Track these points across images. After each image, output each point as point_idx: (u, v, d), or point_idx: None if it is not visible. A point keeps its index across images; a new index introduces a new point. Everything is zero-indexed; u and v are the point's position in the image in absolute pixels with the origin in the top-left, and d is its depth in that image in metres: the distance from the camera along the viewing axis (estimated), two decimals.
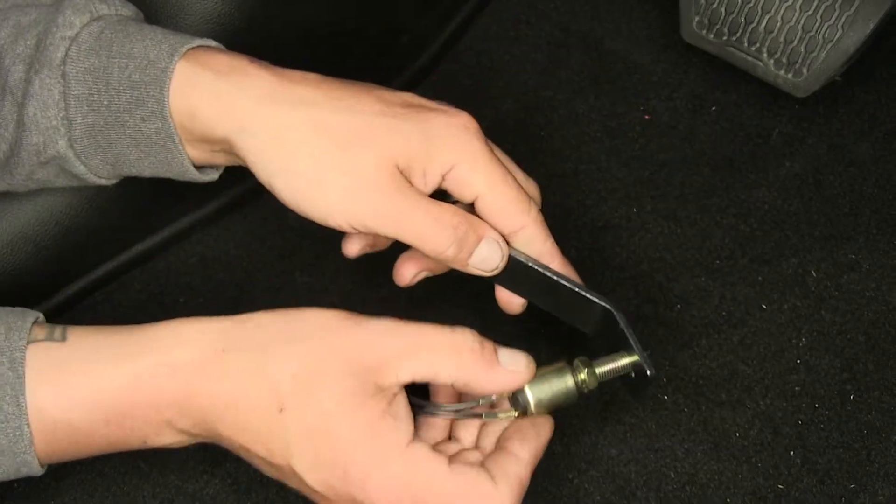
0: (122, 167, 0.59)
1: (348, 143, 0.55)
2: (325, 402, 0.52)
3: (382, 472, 0.52)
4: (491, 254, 0.58)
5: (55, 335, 0.54)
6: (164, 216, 0.75)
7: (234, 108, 0.55)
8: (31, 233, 0.68)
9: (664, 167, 0.78)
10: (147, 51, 0.56)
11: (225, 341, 0.54)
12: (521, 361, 0.56)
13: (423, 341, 0.54)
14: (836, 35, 0.75)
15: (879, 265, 0.74)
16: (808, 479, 0.68)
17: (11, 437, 0.53)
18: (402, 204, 0.56)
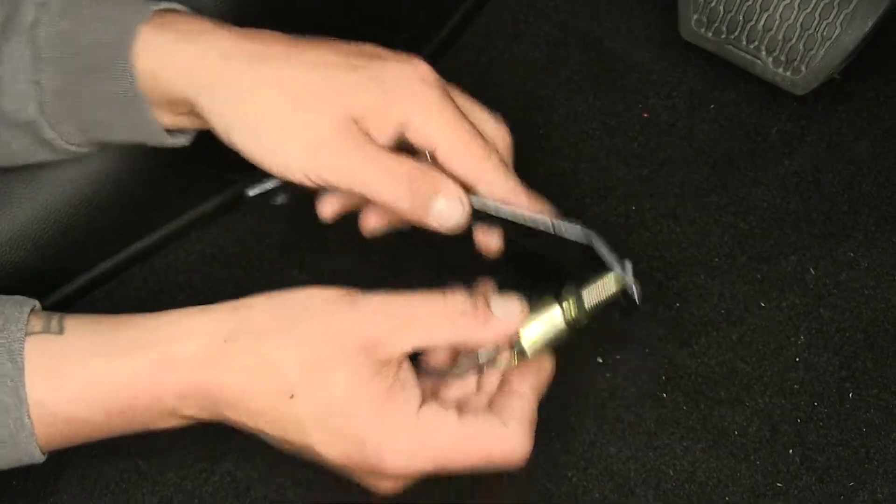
0: (93, 132, 0.60)
1: (305, 99, 0.56)
2: (334, 385, 0.53)
3: (398, 442, 0.54)
4: (450, 209, 0.57)
5: (52, 327, 0.54)
6: (163, 214, 0.75)
7: (193, 69, 0.56)
8: (30, 231, 0.68)
9: (663, 165, 0.78)
10: (115, 13, 0.57)
11: (225, 331, 0.54)
12: (515, 308, 0.56)
13: (417, 313, 0.55)
14: (835, 33, 0.75)
15: (878, 263, 0.74)
16: (807, 477, 0.68)
17: (12, 428, 0.53)
18: (356, 157, 0.56)
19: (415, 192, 0.57)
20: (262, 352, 0.54)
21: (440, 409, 0.55)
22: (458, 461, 0.56)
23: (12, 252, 0.68)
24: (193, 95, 0.57)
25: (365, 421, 0.54)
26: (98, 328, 0.55)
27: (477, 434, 0.55)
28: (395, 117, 0.57)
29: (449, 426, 0.55)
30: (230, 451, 0.69)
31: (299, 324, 0.54)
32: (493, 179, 0.58)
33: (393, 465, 0.54)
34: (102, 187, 0.69)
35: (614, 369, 0.71)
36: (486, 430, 0.56)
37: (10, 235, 0.68)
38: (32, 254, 0.68)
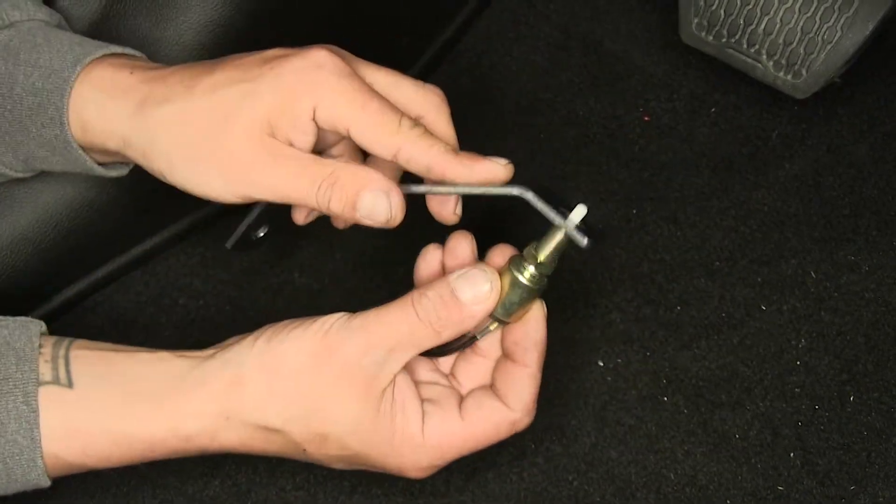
0: (34, 163, 0.61)
1: (210, 130, 0.56)
2: (341, 438, 0.56)
3: (415, 460, 0.57)
4: (377, 205, 0.56)
5: (60, 377, 0.55)
6: (163, 217, 0.75)
7: (115, 124, 0.58)
8: (31, 234, 0.68)
9: (664, 169, 0.78)
10: (52, 60, 0.58)
11: (224, 409, 0.56)
12: (482, 285, 0.56)
13: (396, 337, 0.55)
14: (836, 37, 0.75)
15: (879, 266, 0.74)
16: (807, 481, 0.68)
17: (26, 468, 0.54)
18: (274, 168, 0.56)
19: (340, 195, 0.56)
20: (264, 425, 0.56)
21: (441, 416, 0.57)
22: (473, 449, 0.58)
23: (13, 256, 0.68)
24: (121, 147, 0.58)
25: (379, 456, 0.57)
26: (107, 386, 0.56)
27: (483, 426, 0.58)
28: (301, 113, 0.56)
29: (455, 428, 0.57)
30: (231, 455, 0.69)
31: (291, 389, 0.55)
32: (411, 148, 0.56)
33: (416, 475, 0.58)
34: (103, 191, 0.69)
35: (615, 372, 0.71)
36: (492, 421, 0.58)
37: (11, 239, 0.68)
38: (33, 257, 0.68)
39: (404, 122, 0.56)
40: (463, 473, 0.69)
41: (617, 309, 0.73)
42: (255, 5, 0.71)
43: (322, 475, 0.69)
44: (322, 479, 0.69)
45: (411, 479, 0.59)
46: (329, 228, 0.77)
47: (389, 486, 0.68)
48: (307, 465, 0.68)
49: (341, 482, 0.68)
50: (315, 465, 0.68)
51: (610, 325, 0.73)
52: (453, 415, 0.57)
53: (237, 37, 0.70)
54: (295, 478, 0.69)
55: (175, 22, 0.69)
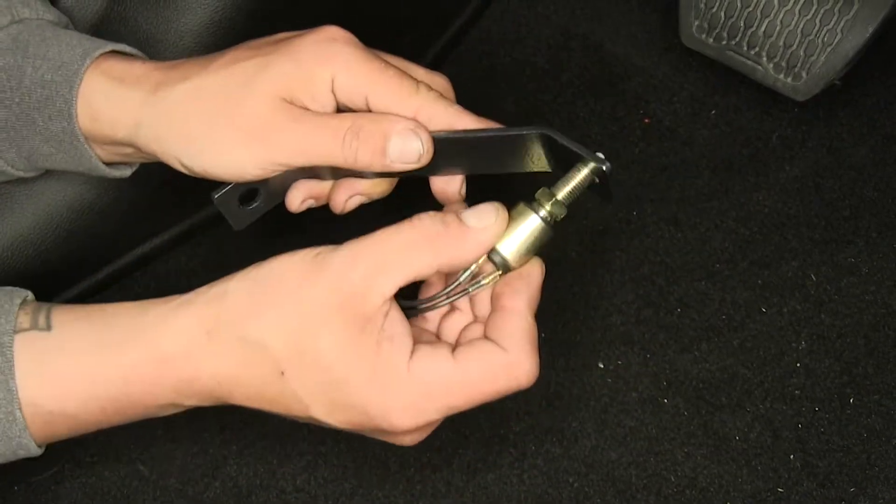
0: (37, 161, 0.60)
1: (230, 98, 0.56)
2: (322, 356, 0.52)
3: (399, 399, 0.52)
4: (406, 144, 0.55)
5: (39, 322, 0.54)
6: (164, 219, 0.75)
7: (125, 112, 0.57)
8: (32, 236, 0.68)
9: (664, 171, 0.78)
10: (61, 54, 0.58)
11: (207, 324, 0.53)
12: (489, 214, 0.53)
13: (389, 252, 0.52)
14: (836, 39, 0.75)
15: (879, 269, 0.74)
16: (808, 483, 0.68)
17: (4, 422, 0.53)
18: (299, 129, 0.56)
19: (366, 144, 0.55)
20: (245, 338, 0.53)
21: (431, 353, 0.52)
22: (468, 401, 0.53)
23: (13, 257, 0.68)
24: (131, 135, 0.58)
25: (360, 385, 0.52)
26: (85, 324, 0.54)
27: (477, 369, 0.52)
28: (320, 84, 0.56)
29: (444, 369, 0.52)
30: (231, 456, 0.69)
31: (275, 301, 0.53)
32: (430, 109, 0.56)
33: (401, 422, 0.52)
34: (104, 193, 0.69)
35: (615, 374, 0.71)
36: (486, 362, 0.52)
37: (12, 241, 0.68)
38: (34, 259, 0.68)
39: (421, 86, 0.57)
40: (464, 475, 0.69)
41: (617, 311, 0.73)
42: (256, 5, 0.71)
43: (323, 477, 0.69)
44: (323, 481, 0.69)
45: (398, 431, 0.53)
46: (326, 228, 0.77)
47: (390, 488, 0.68)
48: (308, 466, 0.69)
49: (342, 484, 0.69)
50: (315, 467, 0.68)
51: (610, 328, 0.73)
52: (443, 353, 0.52)
53: (238, 37, 0.70)
54: (296, 480, 0.69)
55: (176, 23, 0.69)
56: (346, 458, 0.69)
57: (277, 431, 0.70)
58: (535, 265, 0.55)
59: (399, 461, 0.69)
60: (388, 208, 0.66)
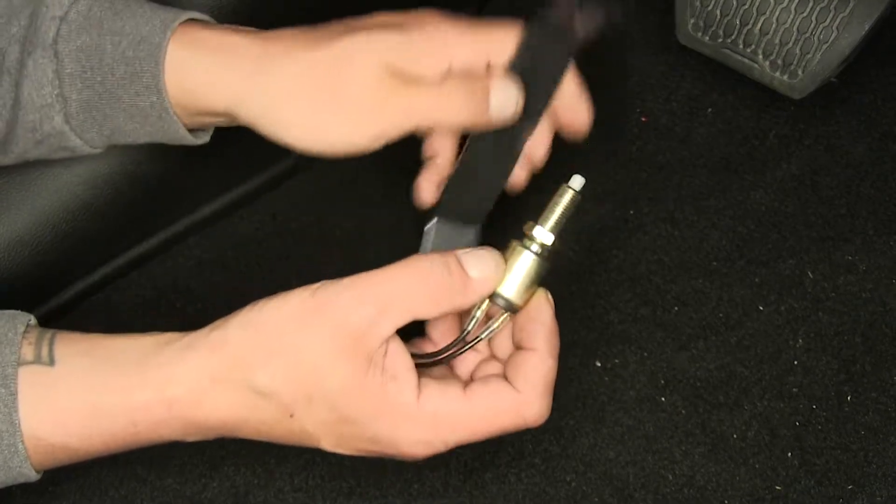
0: (118, 138, 0.60)
1: (337, 73, 0.56)
2: (330, 398, 0.53)
3: (409, 432, 0.53)
4: (507, 94, 0.58)
5: (42, 356, 0.54)
6: (160, 220, 0.75)
7: (228, 85, 0.57)
8: (28, 237, 0.68)
9: (661, 169, 0.78)
10: (139, 27, 0.57)
11: (211, 370, 0.54)
12: (489, 263, 0.54)
13: (390, 296, 0.53)
14: (832, 37, 0.75)
15: (876, 266, 0.74)
16: (805, 481, 0.68)
17: (7, 454, 0.53)
18: (403, 96, 0.57)
19: (471, 98, 0.57)
20: (251, 386, 0.54)
21: (440, 389, 0.53)
22: (473, 436, 0.54)
23: (9, 258, 0.68)
24: (232, 107, 0.57)
25: (369, 422, 0.53)
26: (88, 360, 0.54)
27: (485, 406, 0.53)
28: (426, 50, 0.58)
29: (454, 405, 0.53)
30: (229, 456, 0.69)
31: (279, 349, 0.53)
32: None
33: (411, 452, 0.54)
34: (100, 193, 0.69)
35: (613, 373, 0.71)
36: (495, 400, 0.54)
37: (8, 242, 0.68)
38: (30, 260, 0.68)
39: None
40: (461, 474, 0.69)
41: (615, 310, 0.73)
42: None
43: (320, 476, 0.69)
44: (320, 480, 0.69)
45: (406, 457, 0.54)
46: (326, 232, 0.77)
47: (388, 487, 0.68)
48: (305, 465, 0.69)
49: (340, 483, 0.69)
50: (313, 466, 0.68)
51: (608, 326, 0.73)
52: (454, 389, 0.54)
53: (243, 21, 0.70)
54: (293, 479, 0.69)
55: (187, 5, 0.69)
56: (343, 458, 0.69)
57: None
58: (542, 302, 0.56)
59: (396, 460, 0.69)
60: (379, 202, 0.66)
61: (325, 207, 0.76)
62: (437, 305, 0.53)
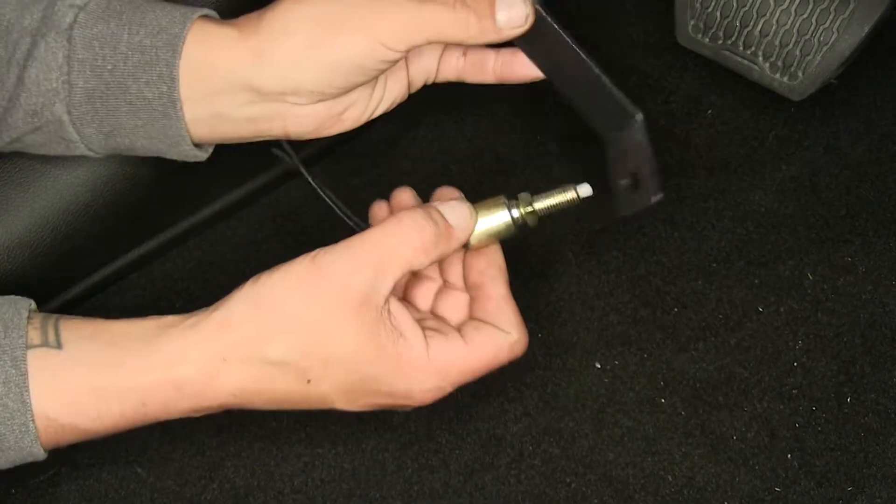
0: (116, 137, 0.60)
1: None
2: (346, 358, 0.55)
3: (423, 382, 0.57)
4: (516, 6, 0.58)
5: (49, 339, 0.55)
6: (160, 221, 0.75)
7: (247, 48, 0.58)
8: (28, 238, 0.68)
9: (661, 170, 0.78)
10: (158, 19, 0.58)
11: (221, 350, 0.55)
12: (465, 212, 0.59)
13: (387, 253, 0.56)
14: (832, 38, 0.75)
15: (876, 267, 0.74)
16: (805, 482, 0.68)
17: (18, 433, 0.54)
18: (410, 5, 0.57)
19: (477, 13, 0.57)
20: (264, 360, 0.55)
21: (445, 341, 0.58)
22: (478, 374, 0.59)
23: (10, 260, 0.68)
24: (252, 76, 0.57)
25: (386, 378, 0.56)
26: (95, 344, 0.55)
27: (486, 349, 0.58)
28: None
29: (461, 354, 0.58)
30: (229, 457, 0.69)
31: (286, 321, 0.55)
32: None
33: (423, 399, 0.58)
34: (100, 194, 0.69)
35: (612, 374, 0.71)
36: (494, 344, 0.59)
37: (8, 243, 0.68)
38: (30, 261, 0.68)
39: None
40: (461, 475, 0.69)
41: (614, 311, 0.73)
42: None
43: (320, 478, 0.69)
44: (320, 482, 0.69)
45: (418, 404, 0.58)
46: (325, 233, 0.77)
47: (388, 488, 0.68)
48: (305, 467, 0.69)
49: (339, 485, 0.69)
50: (313, 468, 0.68)
51: (607, 328, 0.73)
52: (457, 339, 0.58)
53: None
54: (293, 481, 0.69)
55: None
56: (343, 460, 0.69)
57: (275, 433, 0.70)
58: (497, 248, 0.61)
59: (396, 462, 0.69)
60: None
61: (324, 209, 0.76)
62: (428, 254, 0.57)
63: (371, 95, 0.61)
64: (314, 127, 0.60)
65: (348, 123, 0.61)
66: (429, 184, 0.77)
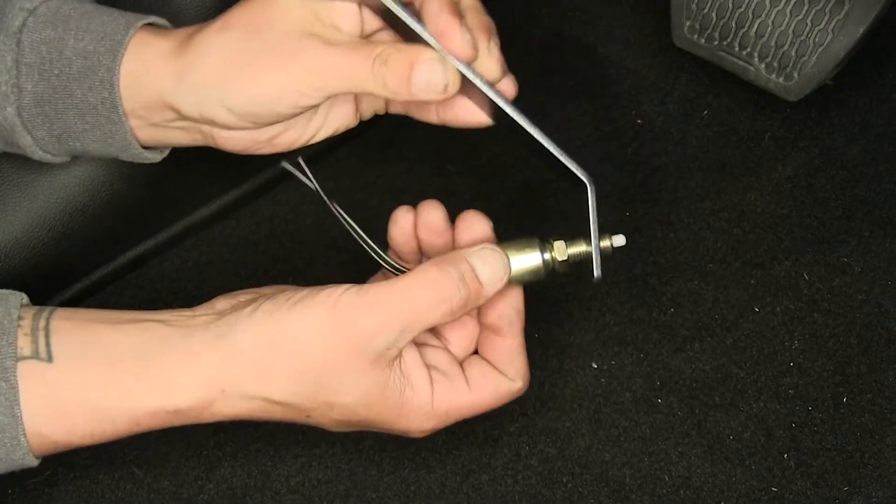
0: (68, 141, 0.60)
1: (260, 31, 0.56)
2: (349, 406, 0.56)
3: (422, 424, 0.58)
4: (432, 73, 0.55)
5: (40, 351, 0.54)
6: (157, 222, 0.75)
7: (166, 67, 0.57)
8: (25, 239, 0.68)
9: (657, 171, 0.79)
10: (104, 25, 0.58)
11: (221, 381, 0.54)
12: (499, 269, 0.57)
13: (411, 314, 0.55)
14: (827, 39, 0.76)
15: (871, 268, 0.74)
16: (801, 482, 0.68)
17: (9, 446, 0.53)
18: (328, 52, 0.56)
19: (394, 69, 0.55)
20: (266, 398, 0.55)
21: (451, 387, 0.58)
22: (476, 414, 0.59)
23: (6, 260, 0.68)
24: (172, 95, 0.57)
25: (387, 421, 0.57)
26: (86, 361, 0.54)
27: (490, 396, 0.59)
28: (346, 12, 0.57)
29: (463, 399, 0.58)
30: (226, 458, 0.69)
31: (298, 366, 0.54)
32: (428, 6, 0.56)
33: (420, 435, 0.59)
34: (97, 195, 0.69)
35: (609, 374, 0.71)
36: (497, 391, 0.59)
37: (5, 243, 0.68)
38: (26, 262, 0.68)
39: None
40: (458, 476, 0.69)
41: (611, 311, 0.73)
42: None
43: (317, 479, 0.69)
44: (317, 482, 0.69)
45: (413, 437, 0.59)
46: (323, 233, 0.77)
47: (385, 489, 0.68)
48: (302, 468, 0.69)
49: (336, 485, 0.69)
50: (310, 468, 0.68)
51: (604, 328, 0.73)
52: (459, 382, 0.58)
53: None
54: (290, 481, 0.69)
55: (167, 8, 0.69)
56: (340, 460, 0.69)
57: (271, 433, 0.70)
58: (519, 292, 0.60)
59: (393, 462, 0.69)
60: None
61: (321, 210, 0.76)
62: (454, 315, 0.56)
63: (308, 123, 0.60)
64: (242, 147, 0.60)
65: (282, 147, 0.61)
66: (426, 184, 0.77)
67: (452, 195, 0.72)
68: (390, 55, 0.55)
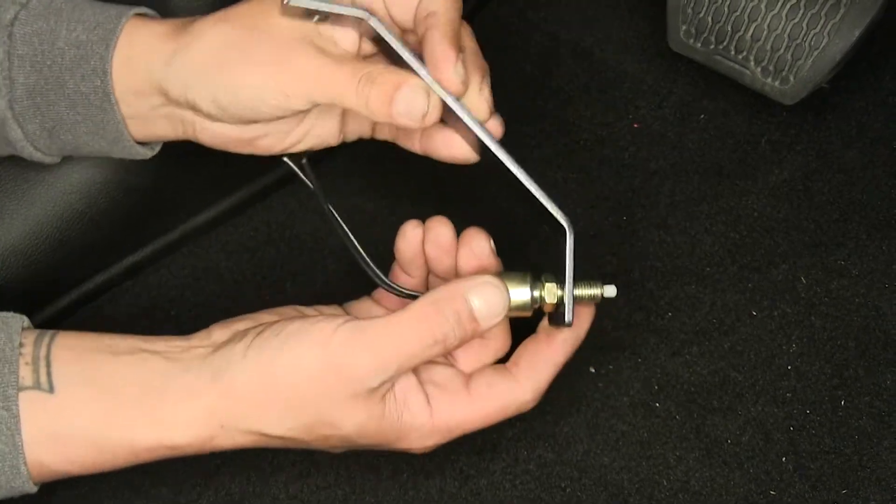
0: (60, 134, 0.60)
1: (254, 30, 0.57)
2: (347, 437, 0.57)
3: (423, 441, 0.59)
4: (414, 99, 0.56)
5: (42, 382, 0.54)
6: (154, 228, 0.75)
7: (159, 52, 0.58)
8: (21, 246, 0.68)
9: (654, 175, 0.79)
10: (96, 15, 0.59)
11: (220, 419, 0.56)
12: (497, 306, 0.57)
13: (407, 355, 0.56)
14: (823, 43, 0.76)
15: (869, 271, 0.74)
16: (800, 485, 0.68)
17: (9, 474, 0.54)
18: (316, 61, 0.56)
19: (378, 91, 0.55)
20: (264, 433, 0.56)
21: (450, 400, 0.58)
22: (481, 427, 0.59)
23: (3, 268, 0.68)
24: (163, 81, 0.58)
25: (385, 443, 0.58)
26: (88, 392, 0.55)
27: (493, 406, 0.59)
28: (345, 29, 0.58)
29: (464, 412, 0.58)
30: (224, 464, 0.69)
31: (294, 405, 0.55)
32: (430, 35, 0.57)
33: (423, 451, 0.59)
34: (94, 202, 0.69)
35: (607, 379, 0.71)
36: (502, 400, 0.59)
37: (1, 251, 0.68)
38: (23, 269, 0.68)
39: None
40: (456, 481, 0.69)
41: (608, 316, 0.73)
42: None
43: (316, 485, 0.69)
44: (316, 488, 0.69)
45: (416, 453, 0.60)
46: (321, 239, 0.77)
47: (383, 495, 0.68)
48: (301, 474, 0.69)
49: (335, 491, 0.68)
50: (309, 475, 0.68)
51: (601, 333, 0.73)
52: (461, 395, 0.58)
53: None
54: (289, 488, 0.69)
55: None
56: (338, 466, 0.69)
57: None
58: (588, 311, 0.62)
59: (392, 468, 0.69)
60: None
61: (318, 216, 0.76)
62: (447, 351, 0.57)
63: (289, 131, 0.61)
64: (221, 143, 0.60)
65: (260, 150, 0.61)
66: (422, 190, 0.77)
67: (450, 203, 0.72)
68: (379, 75, 0.56)
